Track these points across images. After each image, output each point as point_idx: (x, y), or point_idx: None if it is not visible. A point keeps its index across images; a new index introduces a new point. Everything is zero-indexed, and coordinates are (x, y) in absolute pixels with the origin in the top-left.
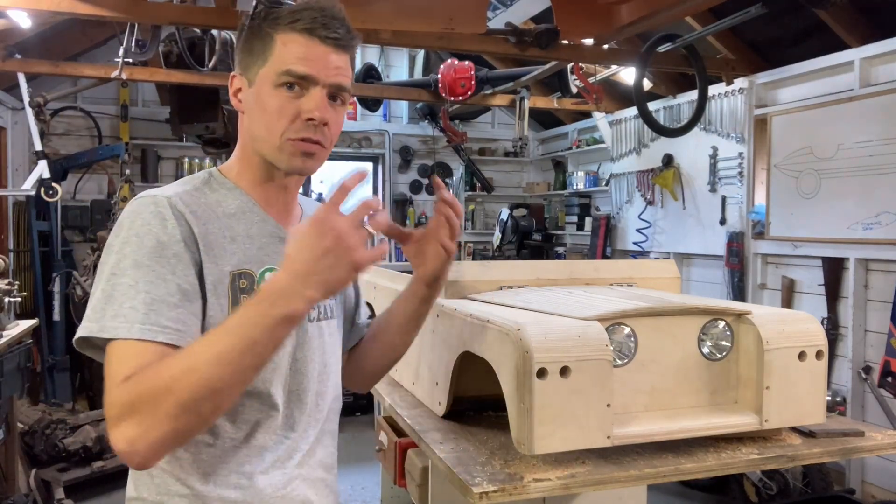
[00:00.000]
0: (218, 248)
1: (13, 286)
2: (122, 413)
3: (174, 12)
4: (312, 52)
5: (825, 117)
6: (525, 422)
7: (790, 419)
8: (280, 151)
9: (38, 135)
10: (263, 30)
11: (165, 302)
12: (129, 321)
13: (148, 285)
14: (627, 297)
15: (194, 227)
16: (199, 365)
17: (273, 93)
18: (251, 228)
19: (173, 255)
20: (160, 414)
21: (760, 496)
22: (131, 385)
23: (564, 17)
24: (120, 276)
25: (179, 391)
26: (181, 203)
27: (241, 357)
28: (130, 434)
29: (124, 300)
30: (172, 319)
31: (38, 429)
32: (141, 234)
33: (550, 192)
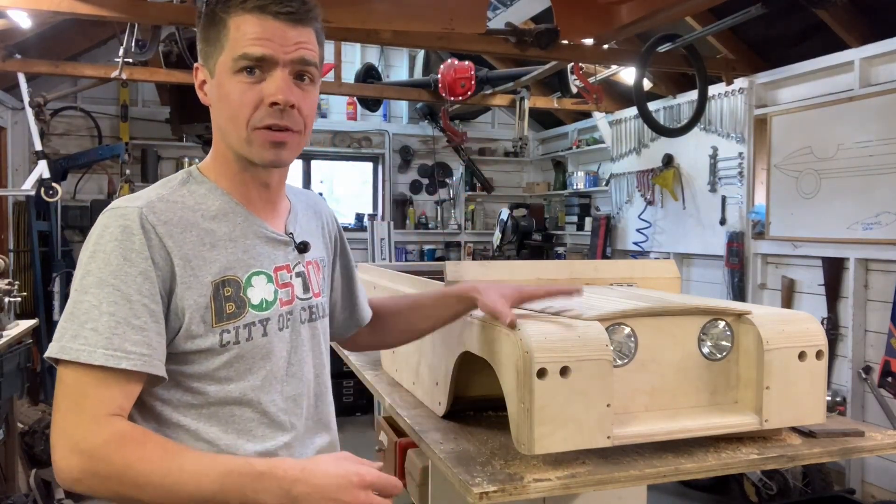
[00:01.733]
0: (197, 259)
1: (13, 286)
2: (83, 453)
3: (174, 12)
4: (267, 30)
5: (825, 117)
6: (525, 422)
7: (790, 419)
8: (249, 144)
9: (38, 135)
10: (217, 15)
11: (130, 324)
12: (90, 344)
13: (112, 306)
14: (627, 297)
15: (167, 239)
16: (177, 490)
17: (232, 80)
18: (234, 230)
19: (139, 273)
20: (109, 488)
21: (760, 496)
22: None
23: (564, 17)
24: (82, 294)
25: (137, 493)
26: (153, 215)
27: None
28: (75, 475)
29: (86, 320)
30: (137, 343)
31: (38, 429)
32: (108, 251)
33: (550, 192)
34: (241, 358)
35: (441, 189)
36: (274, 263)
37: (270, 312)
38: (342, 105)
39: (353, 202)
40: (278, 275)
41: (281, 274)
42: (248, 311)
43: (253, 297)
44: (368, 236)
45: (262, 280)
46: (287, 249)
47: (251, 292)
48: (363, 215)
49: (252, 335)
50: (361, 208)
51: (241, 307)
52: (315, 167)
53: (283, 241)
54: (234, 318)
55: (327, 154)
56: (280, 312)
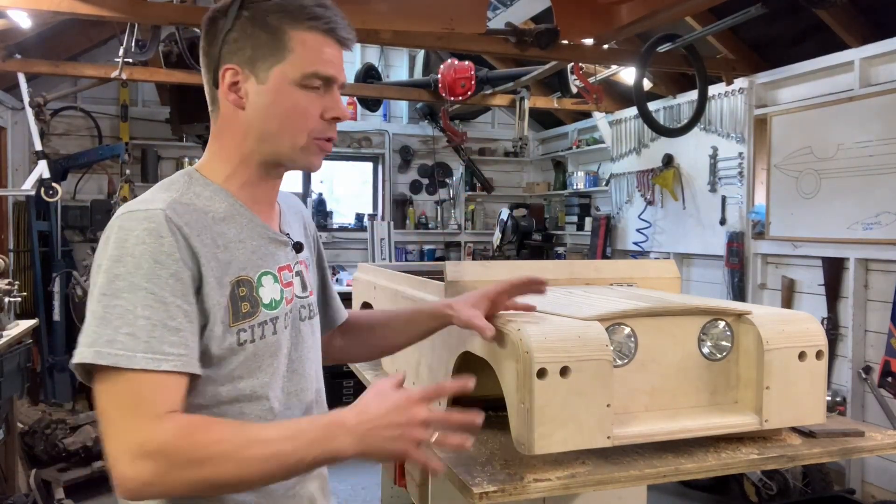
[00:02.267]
0: (215, 261)
1: (13, 286)
2: (152, 456)
3: (174, 12)
4: (334, 53)
5: (825, 117)
6: (525, 422)
7: (790, 419)
8: (303, 151)
9: (38, 135)
10: (269, 23)
11: (166, 326)
12: (128, 349)
13: (147, 310)
14: (627, 297)
15: (192, 240)
16: (252, 457)
17: (299, 93)
18: (241, 232)
19: (171, 274)
20: (190, 478)
21: (760, 496)
22: (178, 434)
23: (564, 17)
24: (114, 298)
25: (220, 471)
26: (176, 216)
27: (287, 468)
28: (149, 479)
29: (120, 325)
30: (175, 344)
31: (38, 429)
32: (136, 255)
33: (550, 192)
34: (254, 356)
35: (441, 189)
36: (277, 263)
37: (279, 311)
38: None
39: (353, 202)
40: (282, 274)
41: (284, 273)
42: (261, 310)
43: (264, 297)
44: (368, 236)
45: (270, 280)
46: (287, 249)
47: (262, 292)
48: (363, 215)
49: (265, 333)
50: (361, 208)
51: (254, 306)
52: None
53: (284, 242)
54: (249, 318)
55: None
56: (285, 311)
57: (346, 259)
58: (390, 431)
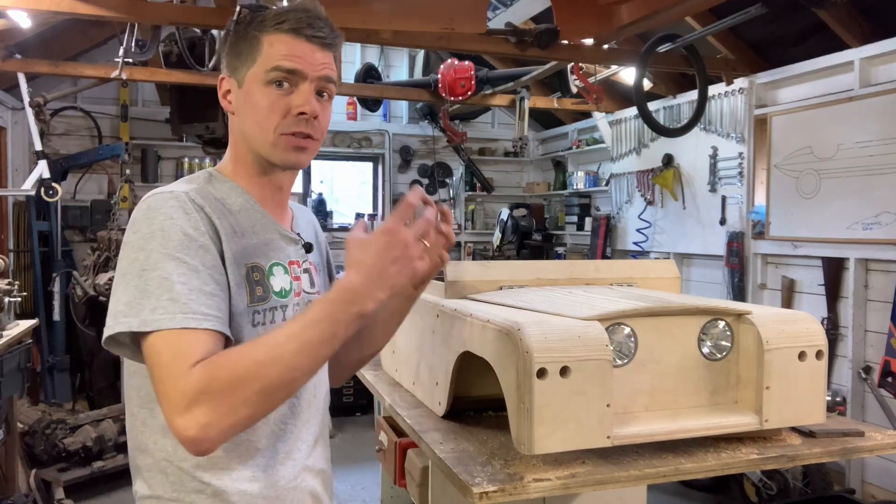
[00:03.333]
0: (231, 243)
1: (13, 286)
2: (196, 398)
3: (174, 12)
4: (299, 49)
5: (825, 117)
6: (525, 422)
7: (790, 419)
8: (274, 147)
9: (38, 135)
10: (250, 33)
11: (202, 291)
12: (169, 312)
13: (182, 276)
14: (627, 297)
15: (214, 218)
16: (284, 354)
17: (263, 90)
18: (255, 225)
19: (200, 246)
20: (239, 400)
21: (760, 496)
22: (206, 372)
23: (564, 17)
24: (151, 271)
25: (263, 378)
26: (198, 197)
27: (321, 348)
28: (204, 420)
29: (161, 293)
30: (212, 307)
31: (38, 429)
32: (166, 228)
33: (550, 192)
34: None
35: (441, 189)
36: (288, 257)
37: (288, 300)
38: (342, 105)
39: (353, 202)
40: (291, 268)
41: (293, 268)
42: (272, 296)
43: (274, 285)
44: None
45: (281, 270)
46: (297, 247)
47: (273, 280)
48: (363, 215)
49: (275, 318)
50: (361, 208)
51: (267, 292)
52: (315, 167)
53: (294, 239)
54: (262, 301)
55: (327, 154)
56: (294, 302)
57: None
58: (394, 266)
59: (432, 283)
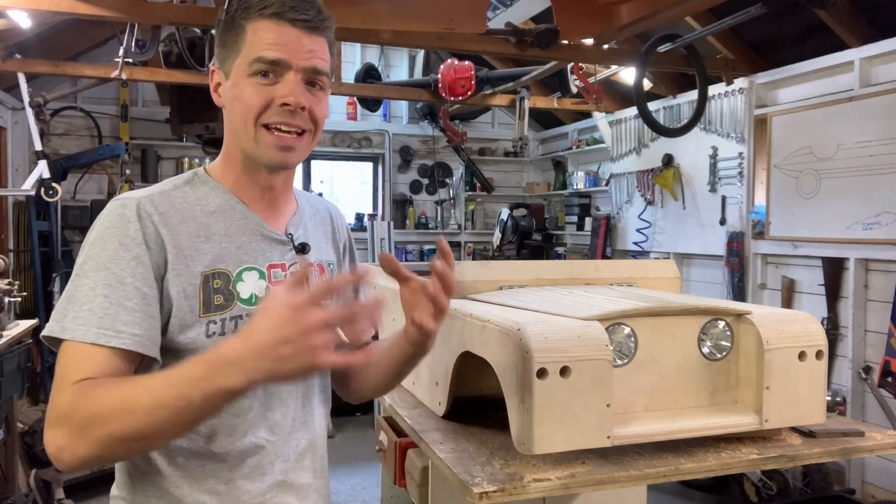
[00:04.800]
0: (190, 249)
1: (13, 286)
2: (59, 420)
3: (174, 12)
4: (283, 36)
5: (825, 117)
6: (525, 422)
7: (790, 419)
8: (257, 143)
9: (38, 135)
10: (236, 21)
11: (122, 306)
12: (86, 324)
13: (106, 288)
14: (627, 297)
15: (162, 228)
16: (136, 408)
17: (247, 82)
18: (231, 227)
19: (133, 257)
20: (90, 438)
21: (760, 496)
22: (73, 398)
23: (564, 17)
24: (82, 278)
25: (112, 426)
26: (150, 205)
27: (177, 414)
28: (60, 442)
29: (84, 302)
30: (128, 324)
31: (38, 429)
32: (105, 237)
33: (550, 192)
34: None
35: (441, 189)
36: (268, 261)
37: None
38: (342, 105)
39: (353, 202)
40: (272, 272)
41: (275, 272)
42: (237, 304)
43: (242, 292)
44: (368, 236)
45: (254, 276)
46: (284, 249)
47: (241, 286)
48: (363, 215)
49: (238, 327)
50: (361, 208)
51: (229, 300)
52: (315, 167)
53: (281, 241)
54: (222, 310)
55: (327, 154)
56: None
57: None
58: (284, 349)
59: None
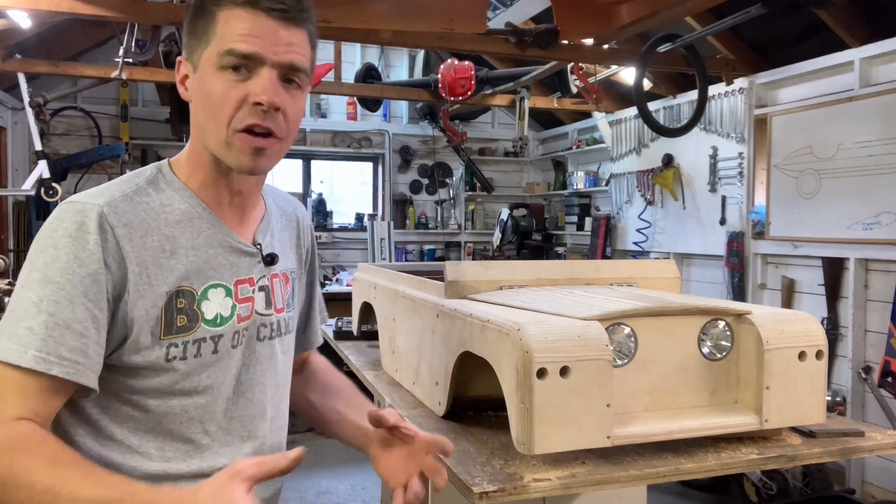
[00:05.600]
0: (154, 267)
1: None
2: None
3: (174, 12)
4: (257, 27)
5: (825, 117)
6: (525, 422)
7: (790, 419)
8: (227, 147)
9: (38, 135)
10: (206, 7)
11: (69, 328)
12: (23, 345)
13: (53, 306)
14: (627, 297)
15: (125, 243)
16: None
17: (216, 77)
18: (198, 238)
19: (88, 275)
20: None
21: (760, 496)
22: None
23: (564, 17)
24: (26, 290)
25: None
26: (114, 215)
27: None
28: None
29: (23, 318)
30: (73, 350)
31: None
32: (58, 247)
33: (550, 192)
34: (186, 375)
35: (441, 189)
36: (235, 276)
37: (225, 328)
38: (342, 105)
39: (353, 202)
40: (239, 288)
41: (242, 287)
42: (201, 325)
43: (207, 312)
44: (368, 236)
45: (220, 293)
46: (252, 261)
47: (206, 306)
48: (363, 215)
49: (201, 351)
50: (361, 208)
51: (193, 321)
52: (315, 167)
53: (249, 253)
54: (185, 332)
55: (327, 154)
56: (236, 329)
57: (346, 259)
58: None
59: (432, 284)
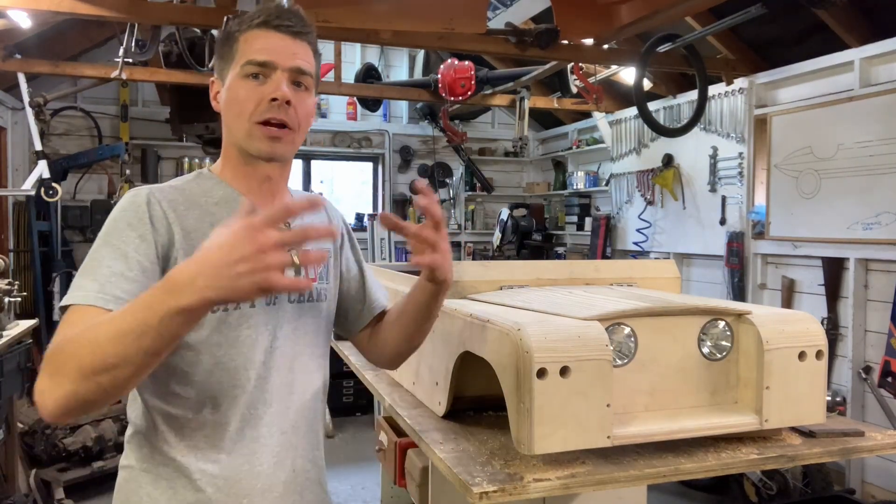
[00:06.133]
0: (197, 232)
1: (13, 286)
2: (43, 367)
3: (174, 12)
4: (270, 42)
5: (825, 117)
6: (525, 422)
7: (790, 419)
8: (250, 137)
9: (38, 135)
10: (232, 35)
11: (123, 276)
12: (88, 290)
13: (111, 260)
14: (627, 297)
15: (170, 212)
16: (100, 339)
17: (240, 83)
18: (234, 216)
19: (138, 235)
20: (63, 375)
21: (760, 496)
22: (56, 344)
23: (564, 17)
24: (93, 254)
25: (80, 359)
26: (160, 193)
27: (137, 340)
28: (42, 386)
29: (90, 274)
30: (127, 292)
31: (38, 429)
32: (116, 219)
33: (550, 192)
34: (226, 323)
35: (441, 189)
36: None
37: None
38: (342, 105)
39: (353, 202)
40: None
41: None
42: None
43: None
44: (368, 236)
45: None
46: None
47: None
48: (363, 215)
49: (241, 306)
50: (361, 208)
51: None
52: (315, 167)
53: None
54: None
55: (327, 154)
56: None
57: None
58: (239, 267)
59: None
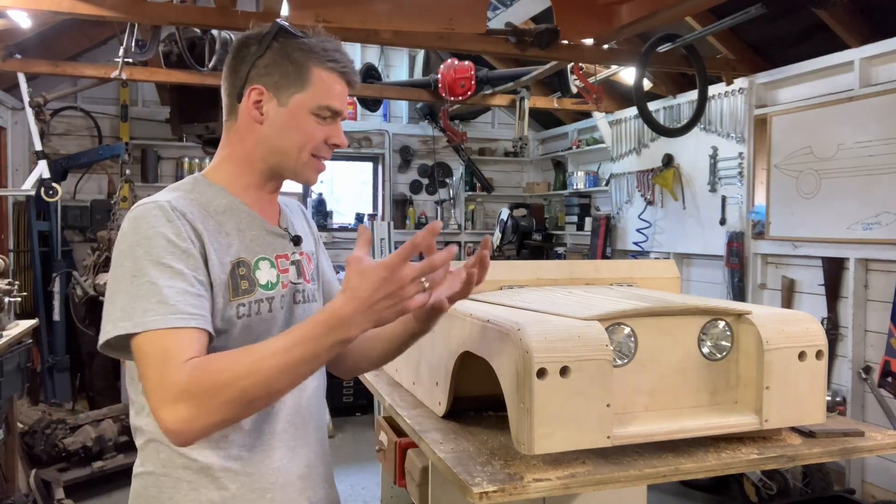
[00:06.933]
0: (216, 244)
1: (13, 286)
2: (180, 396)
3: (174, 12)
4: (343, 92)
5: (825, 117)
6: (525, 422)
7: (790, 419)
8: (303, 166)
9: (38, 135)
10: (295, 58)
11: (188, 292)
12: (160, 314)
13: (168, 280)
14: (627, 297)
15: (196, 223)
16: (265, 369)
17: (310, 119)
18: (241, 223)
19: (183, 251)
20: (217, 403)
21: (760, 496)
22: (192, 374)
23: (564, 17)
24: (140, 277)
25: (243, 387)
26: (177, 204)
27: (302, 367)
28: (185, 415)
29: (150, 297)
30: (197, 307)
31: (38, 429)
32: (150, 236)
33: (550, 192)
34: (248, 328)
35: (441, 189)
36: (275, 252)
37: (274, 292)
38: None
39: (353, 202)
40: (279, 261)
41: (281, 261)
42: (258, 289)
43: (261, 279)
44: None
45: (267, 265)
46: (284, 241)
47: (259, 274)
48: (363, 215)
49: (261, 310)
50: (361, 208)
51: (252, 285)
52: None
53: (281, 235)
54: (248, 294)
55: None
56: (281, 293)
57: (346, 259)
58: (386, 302)
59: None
